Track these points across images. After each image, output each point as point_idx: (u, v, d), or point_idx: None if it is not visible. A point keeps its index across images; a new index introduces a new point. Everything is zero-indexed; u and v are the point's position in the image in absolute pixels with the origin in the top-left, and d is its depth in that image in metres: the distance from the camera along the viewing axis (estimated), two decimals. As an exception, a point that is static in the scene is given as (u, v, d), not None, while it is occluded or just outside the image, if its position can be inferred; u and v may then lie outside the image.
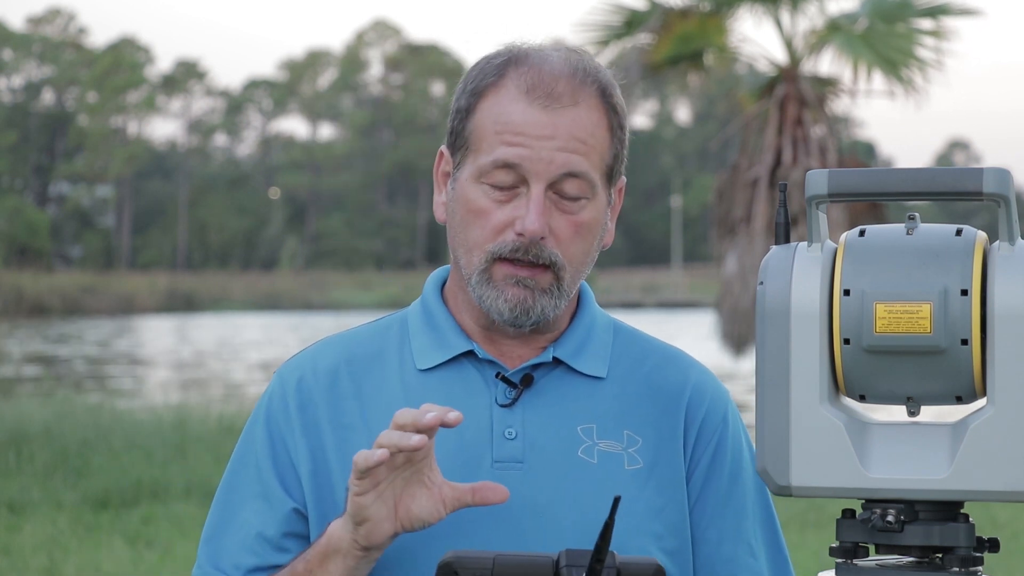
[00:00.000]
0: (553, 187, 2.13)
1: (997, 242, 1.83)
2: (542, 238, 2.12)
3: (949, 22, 16.62)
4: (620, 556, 1.78)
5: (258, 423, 2.23)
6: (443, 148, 2.22)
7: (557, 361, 2.20)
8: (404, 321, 2.27)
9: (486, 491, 2.01)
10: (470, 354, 2.20)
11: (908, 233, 1.84)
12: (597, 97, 2.16)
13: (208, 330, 51.79)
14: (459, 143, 2.18)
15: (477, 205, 2.14)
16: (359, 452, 1.96)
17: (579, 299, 2.26)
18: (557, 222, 2.13)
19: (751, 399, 1.96)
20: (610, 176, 2.19)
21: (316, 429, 2.19)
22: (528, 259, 2.12)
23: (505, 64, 2.17)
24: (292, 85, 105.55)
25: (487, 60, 2.20)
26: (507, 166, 2.12)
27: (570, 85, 2.14)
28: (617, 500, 1.71)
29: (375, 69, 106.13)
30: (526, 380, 2.18)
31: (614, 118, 2.18)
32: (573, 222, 2.14)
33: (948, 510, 1.83)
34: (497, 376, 2.18)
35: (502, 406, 2.17)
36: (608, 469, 2.16)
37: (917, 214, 1.86)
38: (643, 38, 16.76)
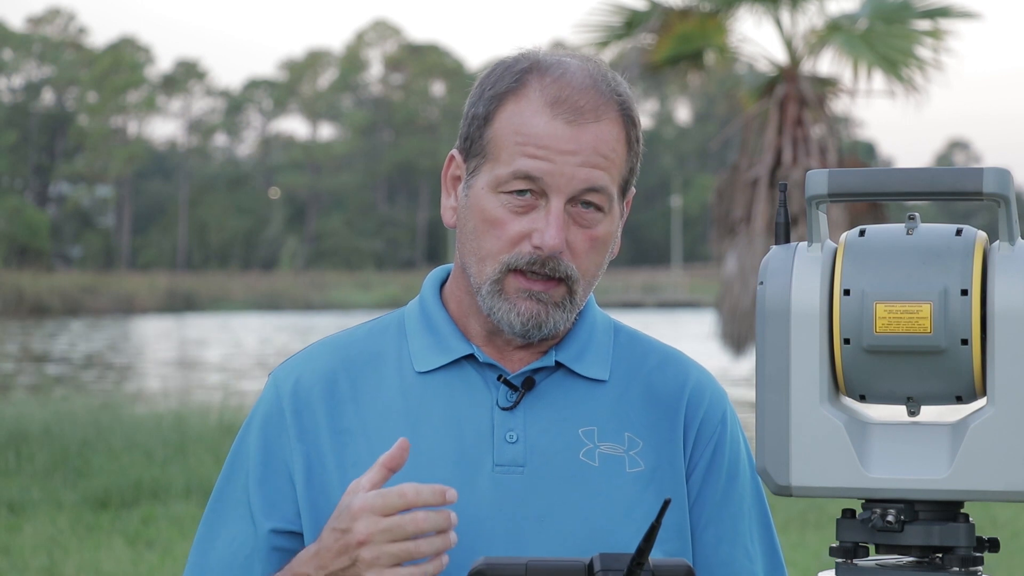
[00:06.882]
0: (572, 201, 2.11)
1: (997, 242, 1.82)
2: (560, 252, 2.11)
3: (949, 24, 16.60)
4: (653, 558, 1.77)
5: (252, 430, 2.21)
6: (454, 152, 2.19)
7: (558, 364, 2.19)
8: (401, 322, 2.25)
9: (394, 454, 1.99)
10: (470, 357, 2.18)
11: (908, 233, 1.84)
12: (618, 111, 2.14)
13: (208, 330, 51.75)
14: (475, 150, 2.15)
15: (493, 215, 2.12)
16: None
17: (581, 301, 2.25)
18: (574, 236, 2.12)
19: (751, 397, 1.96)
20: (624, 189, 2.18)
21: (313, 434, 2.17)
22: (544, 272, 2.11)
23: (526, 72, 2.13)
24: (292, 85, 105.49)
25: (505, 67, 2.16)
26: (527, 178, 2.10)
27: (593, 99, 2.12)
28: (667, 503, 1.70)
29: (375, 69, 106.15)
30: (527, 383, 2.17)
31: (632, 131, 2.16)
32: (589, 236, 2.13)
33: (948, 510, 1.83)
34: (499, 379, 2.17)
35: (503, 409, 2.16)
36: (610, 472, 2.15)
37: (917, 214, 1.86)
38: (643, 38, 16.76)
